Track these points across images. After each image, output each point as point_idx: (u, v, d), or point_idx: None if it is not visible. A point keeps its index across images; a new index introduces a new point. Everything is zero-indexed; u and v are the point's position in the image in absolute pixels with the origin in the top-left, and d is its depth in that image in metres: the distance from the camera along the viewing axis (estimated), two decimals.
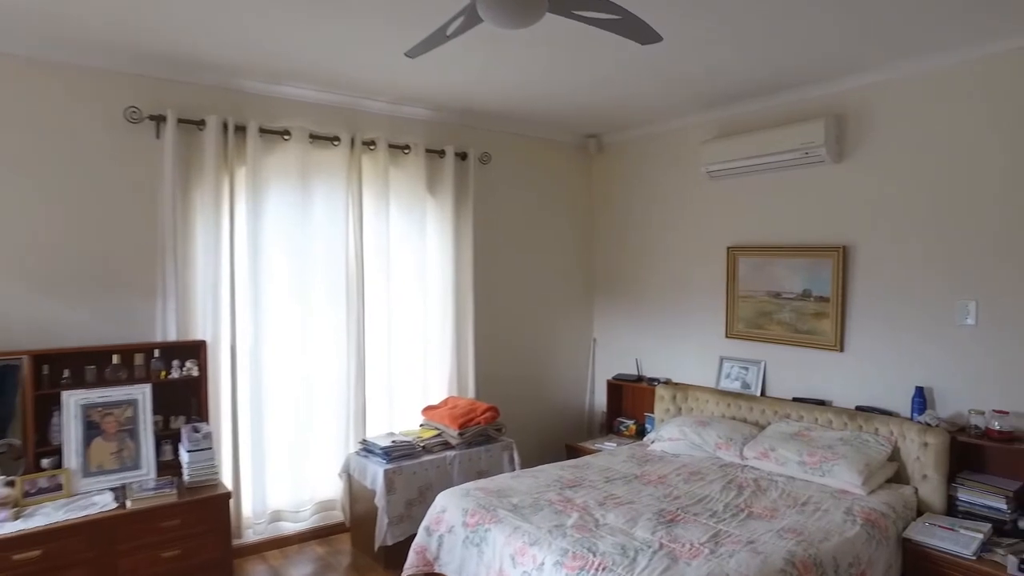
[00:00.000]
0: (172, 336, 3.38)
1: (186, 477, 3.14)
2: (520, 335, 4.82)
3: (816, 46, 3.15)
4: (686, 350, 4.53)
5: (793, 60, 3.34)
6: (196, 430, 3.21)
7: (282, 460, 3.74)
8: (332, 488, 3.92)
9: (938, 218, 3.30)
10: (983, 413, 3.08)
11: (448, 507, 3.09)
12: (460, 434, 3.84)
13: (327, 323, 3.86)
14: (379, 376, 4.08)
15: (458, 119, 4.42)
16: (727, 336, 4.26)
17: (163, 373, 3.32)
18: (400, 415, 4.17)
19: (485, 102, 4.12)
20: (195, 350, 3.41)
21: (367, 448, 3.72)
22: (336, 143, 3.84)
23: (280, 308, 3.71)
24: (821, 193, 3.76)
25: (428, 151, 4.22)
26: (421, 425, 4.09)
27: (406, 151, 4.13)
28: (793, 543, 2.55)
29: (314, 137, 3.76)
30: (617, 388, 4.92)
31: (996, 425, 3.03)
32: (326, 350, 3.87)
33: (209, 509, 3.07)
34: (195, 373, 3.37)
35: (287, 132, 3.67)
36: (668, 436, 3.94)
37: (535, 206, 4.87)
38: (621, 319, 5.01)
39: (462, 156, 4.36)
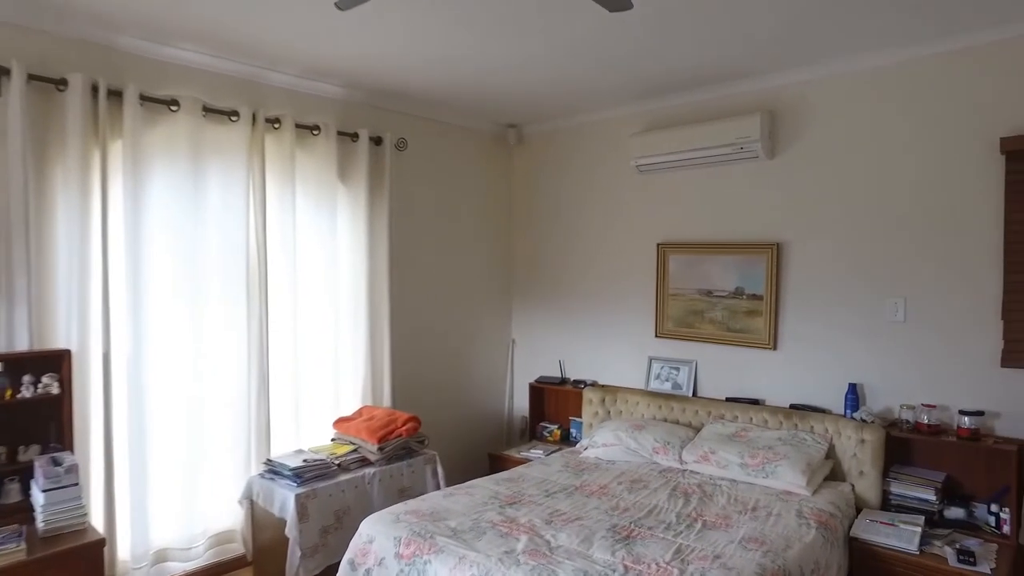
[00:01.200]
0: (23, 345, 2.73)
1: (41, 524, 2.51)
2: (438, 337, 4.47)
3: (748, 39, 3.07)
4: (613, 351, 4.39)
5: (724, 52, 3.25)
6: (56, 463, 2.59)
7: (169, 489, 3.16)
8: (231, 517, 3.38)
9: (867, 217, 3.34)
10: (914, 407, 3.14)
11: (376, 536, 2.70)
12: (380, 448, 3.44)
13: (224, 327, 3.32)
14: (285, 386, 3.58)
15: (372, 100, 4.00)
16: (657, 336, 4.15)
17: (8, 392, 2.66)
18: (309, 429, 3.69)
19: (403, 81, 3.74)
20: (55, 362, 2.77)
21: (273, 469, 3.23)
22: (234, 119, 3.31)
23: (166, 310, 3.14)
24: (754, 189, 3.73)
25: (340, 134, 3.77)
26: (333, 440, 3.64)
27: (315, 132, 3.66)
28: (760, 555, 2.42)
29: (209, 110, 3.21)
30: (539, 392, 4.69)
31: (925, 419, 3.09)
32: (222, 358, 3.33)
33: (75, 562, 2.47)
34: (55, 391, 2.73)
35: (175, 102, 3.10)
36: (603, 442, 3.76)
37: (452, 198, 4.54)
38: (542, 319, 4.79)
39: (377, 141, 3.95)
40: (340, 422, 3.66)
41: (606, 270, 4.41)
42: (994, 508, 2.93)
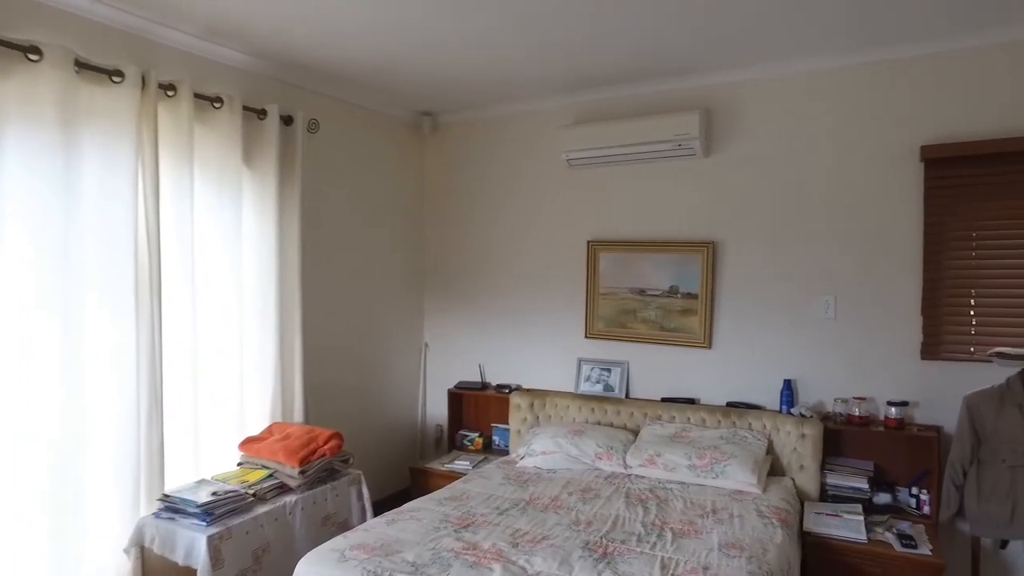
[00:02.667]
0: None
1: None
2: (349, 342, 4.04)
3: (685, 35, 3.04)
4: (540, 353, 4.21)
5: (661, 45, 3.19)
6: None
7: (27, 545, 2.50)
8: (113, 571, 2.75)
9: (798, 217, 3.44)
10: (846, 401, 3.28)
11: None
12: (302, 472, 2.99)
13: (104, 339, 2.69)
14: (182, 405, 3.00)
15: (282, 73, 3.50)
16: (587, 336, 4.03)
17: None
18: (211, 454, 3.14)
19: (316, 54, 3.31)
20: None
21: (173, 506, 2.67)
22: (117, 79, 2.69)
23: (24, 321, 2.47)
24: (690, 187, 3.72)
25: (246, 109, 3.25)
26: (241, 465, 3.11)
27: (217, 105, 3.11)
28: (744, 561, 2.35)
29: (84, 66, 2.58)
30: (458, 398, 4.40)
31: (856, 411, 3.23)
32: (103, 374, 2.69)
33: None
34: None
35: (35, 49, 2.44)
36: (541, 450, 3.56)
37: (364, 190, 4.12)
38: (459, 321, 4.51)
39: (287, 120, 3.45)
40: (249, 443, 3.14)
41: (532, 268, 4.23)
42: (914, 491, 3.13)
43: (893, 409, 3.13)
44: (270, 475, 2.98)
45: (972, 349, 3.07)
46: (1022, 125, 2.94)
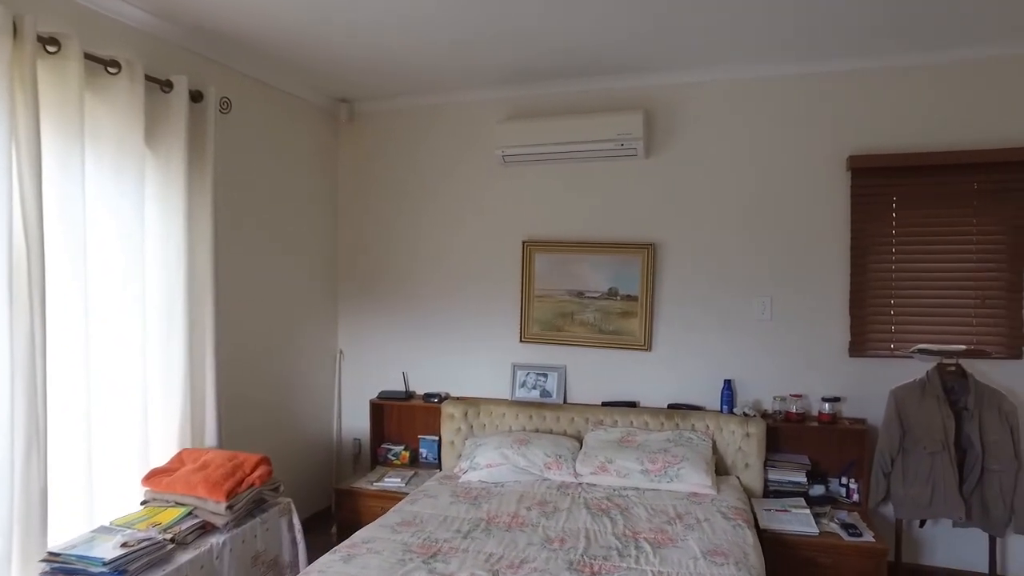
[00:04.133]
0: None
1: None
2: (261, 350, 3.56)
3: (624, 32, 3.00)
4: (471, 359, 3.99)
5: (602, 42, 3.14)
6: None
7: None
8: None
9: (736, 220, 3.53)
10: (784, 398, 3.40)
11: None
12: (229, 506, 2.55)
13: None
14: (71, 435, 2.45)
15: (191, 41, 3.00)
16: (522, 340, 3.88)
17: None
18: (107, 494, 2.59)
19: (230, 22, 2.88)
20: None
21: (66, 568, 2.15)
22: None
23: None
24: (630, 188, 3.69)
25: (149, 79, 2.73)
26: (147, 504, 2.61)
27: (113, 70, 2.58)
28: (734, 568, 2.31)
29: None
30: (379, 409, 4.06)
31: (794, 408, 3.37)
32: None
33: None
34: None
35: None
36: (486, 462, 3.35)
37: (276, 182, 3.66)
38: (380, 326, 4.17)
39: (197, 96, 2.96)
40: (156, 476, 2.64)
41: (463, 270, 4.00)
42: (844, 481, 3.32)
43: (827, 405, 3.30)
44: (188, 513, 2.52)
45: (892, 346, 3.30)
46: (938, 141, 3.22)
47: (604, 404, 3.73)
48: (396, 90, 3.90)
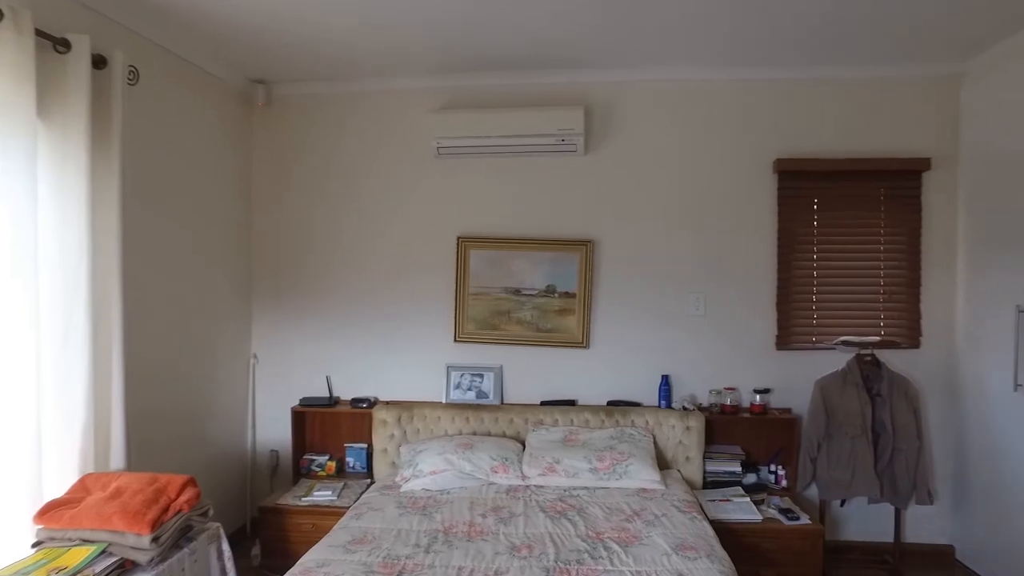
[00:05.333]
0: None
1: None
2: (168, 355, 3.14)
3: (563, 25, 2.98)
4: (402, 361, 3.78)
5: (540, 38, 3.11)
6: None
7: None
8: None
9: (670, 218, 3.61)
10: (720, 392, 3.52)
11: None
12: (155, 538, 2.21)
13: None
14: None
15: None
16: (456, 340, 3.72)
17: None
18: None
19: None
20: None
21: None
22: None
23: None
24: (568, 184, 3.66)
25: (41, 34, 2.30)
26: (41, 545, 2.19)
27: None
28: (707, 561, 2.33)
29: None
30: (301, 417, 3.74)
31: (728, 400, 3.50)
32: None
33: None
34: None
35: None
36: (430, 469, 3.18)
37: (186, 167, 3.25)
38: (300, 328, 3.83)
39: (100, 62, 2.54)
40: (55, 511, 2.22)
41: (392, 266, 3.77)
42: (772, 468, 3.49)
43: (758, 396, 3.45)
44: (102, 552, 2.14)
45: (815, 339, 3.52)
46: (851, 148, 3.47)
47: (543, 403, 3.67)
48: (319, 73, 3.60)
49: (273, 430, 3.81)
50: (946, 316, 3.49)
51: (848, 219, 3.50)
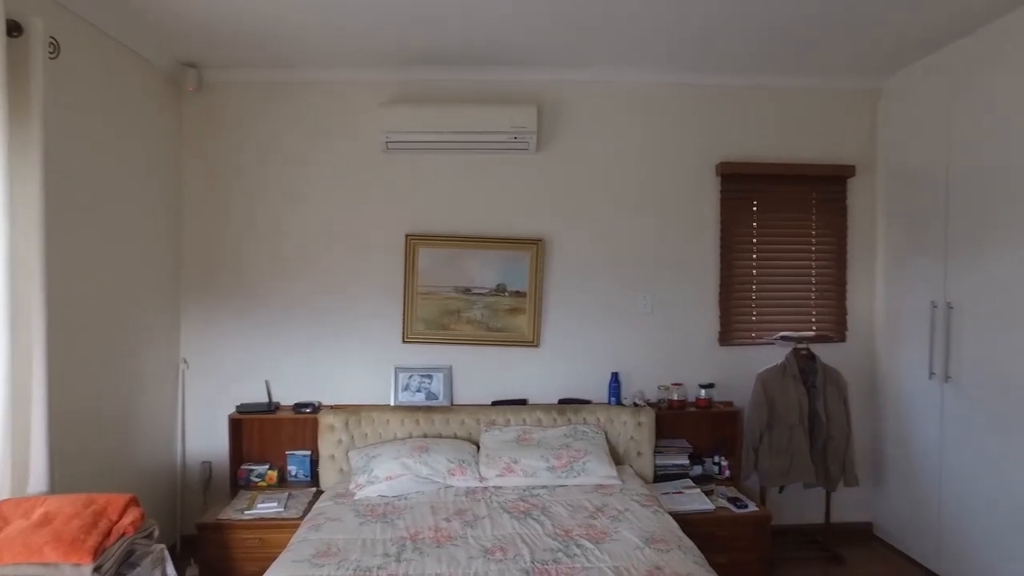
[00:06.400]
0: None
1: None
2: (89, 363, 2.83)
3: (516, 23, 2.97)
4: (347, 363, 3.62)
5: (494, 37, 3.10)
6: None
7: None
8: None
9: (619, 217, 3.67)
10: (668, 387, 3.61)
11: None
12: (97, 567, 1.98)
13: None
14: None
15: None
16: (404, 341, 3.62)
17: None
18: None
19: None
20: None
21: None
22: None
23: None
24: (520, 182, 3.64)
25: None
26: None
27: None
28: (680, 553, 2.38)
29: None
30: (238, 425, 3.51)
31: (675, 396, 3.60)
32: None
33: None
34: None
35: None
36: (386, 475, 3.06)
37: (108, 154, 2.95)
38: (235, 330, 3.59)
39: (15, 29, 2.25)
40: None
41: (337, 265, 3.61)
42: (716, 459, 3.63)
43: (703, 391, 3.58)
44: None
45: (754, 335, 3.70)
46: (787, 154, 3.68)
47: (494, 403, 3.64)
48: (257, 59, 3.39)
49: (205, 440, 3.55)
50: (868, 311, 3.77)
51: (784, 221, 3.70)
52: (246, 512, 3.08)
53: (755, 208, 3.68)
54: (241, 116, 3.57)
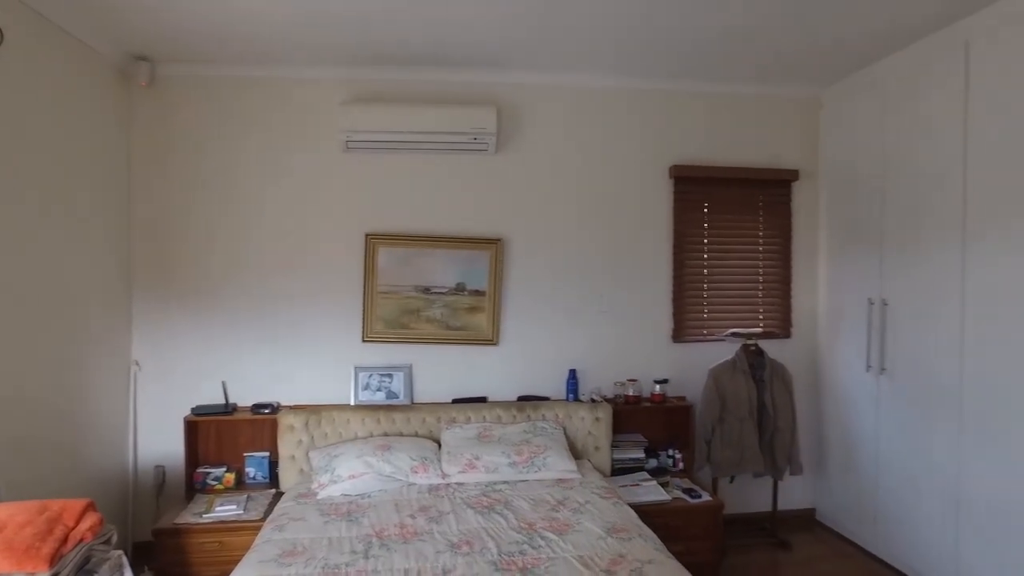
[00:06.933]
0: None
1: None
2: (36, 366, 2.73)
3: (477, 25, 3.02)
4: (306, 363, 3.59)
5: (456, 38, 3.15)
6: None
7: None
8: None
9: (576, 217, 3.76)
10: (624, 383, 3.72)
11: None
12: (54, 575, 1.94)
13: None
14: None
15: None
16: (364, 340, 3.61)
17: None
18: None
19: None
20: None
21: None
22: None
23: None
24: (479, 183, 3.69)
25: None
26: None
27: None
28: (641, 541, 2.49)
29: None
30: (193, 427, 3.44)
31: (631, 391, 3.71)
32: None
33: None
34: None
35: None
36: (348, 474, 3.06)
37: (52, 147, 2.85)
38: (190, 331, 3.51)
39: None
40: None
41: (295, 265, 3.57)
42: (670, 452, 3.76)
43: (657, 386, 3.70)
44: None
45: (705, 331, 3.85)
46: (739, 157, 3.84)
47: (454, 401, 3.67)
48: (213, 55, 3.32)
49: (158, 444, 3.46)
50: (811, 308, 3.97)
51: (733, 222, 3.86)
52: (204, 515, 3.02)
53: (706, 210, 3.83)
54: (196, 113, 3.49)
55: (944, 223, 2.99)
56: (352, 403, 3.59)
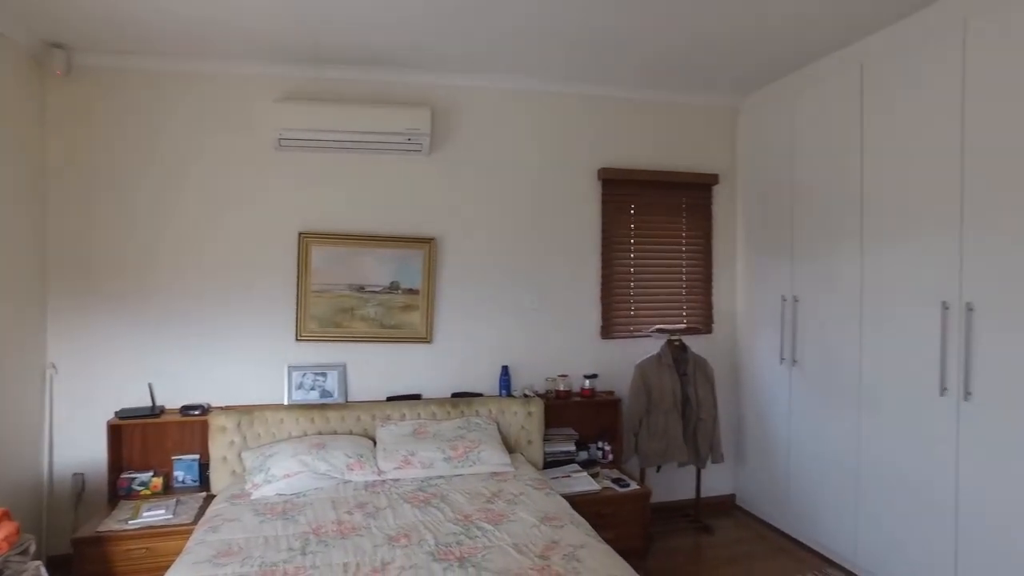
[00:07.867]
0: None
1: None
2: None
3: (408, 28, 3.07)
4: (237, 363, 3.53)
5: (391, 40, 3.19)
6: None
7: None
8: None
9: (508, 217, 3.86)
10: (555, 379, 3.84)
11: None
12: None
13: None
14: None
15: None
16: (298, 339, 3.58)
17: None
18: None
19: None
20: None
21: None
22: None
23: None
24: (413, 182, 3.72)
25: None
26: None
27: None
28: (573, 528, 2.59)
29: None
30: (117, 432, 3.31)
31: (562, 387, 3.84)
32: None
33: None
34: None
35: None
36: (283, 473, 3.04)
37: None
38: (114, 332, 3.37)
39: None
40: None
41: (225, 263, 3.50)
42: (600, 445, 3.91)
43: (587, 381, 3.85)
44: None
45: (632, 328, 4.02)
46: (660, 162, 4.03)
47: (389, 399, 3.70)
48: (136, 46, 3.22)
49: (77, 450, 3.32)
50: (730, 305, 4.22)
51: (658, 223, 4.06)
52: (131, 522, 2.92)
53: (633, 211, 4.01)
54: (118, 105, 3.37)
55: (845, 227, 3.26)
56: (286, 403, 3.55)
